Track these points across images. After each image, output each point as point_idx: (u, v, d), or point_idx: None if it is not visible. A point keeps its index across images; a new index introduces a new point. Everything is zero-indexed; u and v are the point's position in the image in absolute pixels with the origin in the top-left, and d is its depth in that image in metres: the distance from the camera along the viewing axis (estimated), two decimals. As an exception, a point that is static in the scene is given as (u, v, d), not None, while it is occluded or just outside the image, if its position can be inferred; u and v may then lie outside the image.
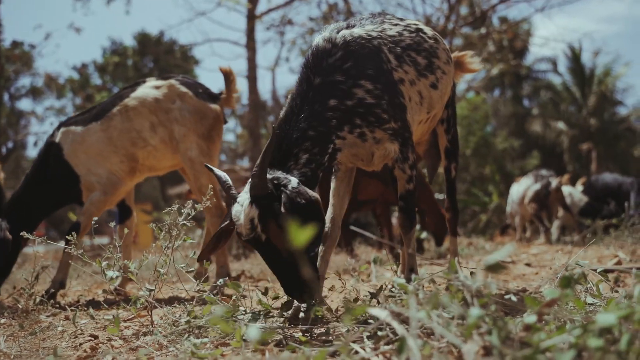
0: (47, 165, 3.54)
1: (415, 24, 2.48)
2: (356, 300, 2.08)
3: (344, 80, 2.07)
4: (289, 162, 1.99)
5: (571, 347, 0.97)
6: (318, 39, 2.15)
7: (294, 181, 1.88)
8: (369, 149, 2.18)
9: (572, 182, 9.48)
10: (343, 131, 2.09)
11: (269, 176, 1.88)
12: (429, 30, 2.51)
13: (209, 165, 2.16)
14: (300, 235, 1.85)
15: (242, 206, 1.87)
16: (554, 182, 7.99)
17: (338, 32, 2.15)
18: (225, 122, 3.65)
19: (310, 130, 2.03)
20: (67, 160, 3.47)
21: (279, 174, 1.93)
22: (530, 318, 1.11)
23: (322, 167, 2.07)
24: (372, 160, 2.23)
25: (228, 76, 3.57)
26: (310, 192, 1.87)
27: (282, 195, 1.82)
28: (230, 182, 2.01)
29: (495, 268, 1.21)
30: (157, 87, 3.56)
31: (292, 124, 2.03)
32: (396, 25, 2.37)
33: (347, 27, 2.19)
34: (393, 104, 2.14)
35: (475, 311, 1.00)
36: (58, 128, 3.61)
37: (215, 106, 3.58)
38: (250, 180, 1.88)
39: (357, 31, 2.18)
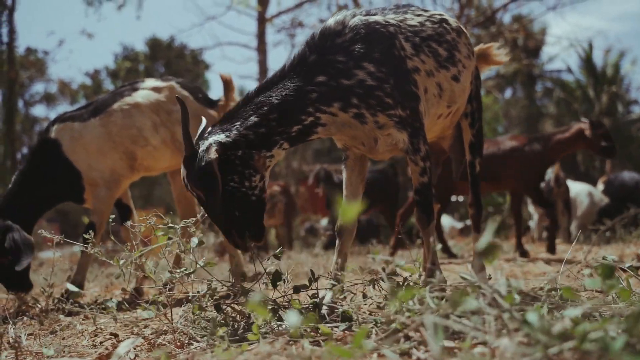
0: (44, 162, 3.41)
1: (439, 15, 2.40)
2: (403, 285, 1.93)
3: (344, 60, 2.01)
4: (236, 121, 1.99)
5: (619, 337, 0.92)
6: (331, 20, 2.08)
7: (206, 143, 1.93)
8: (369, 133, 2.08)
9: (592, 182, 9.29)
10: (331, 107, 2.01)
11: (206, 134, 1.99)
12: (453, 22, 2.43)
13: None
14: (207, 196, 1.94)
15: None
16: (552, 177, 7.58)
17: (353, 16, 2.09)
18: None
19: (276, 98, 2.00)
20: (66, 157, 3.37)
21: (215, 130, 2.00)
22: (573, 311, 1.06)
23: (284, 136, 2.02)
24: (375, 147, 2.12)
25: (228, 84, 3.53)
26: (211, 153, 1.89)
27: None
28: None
29: (489, 251, 1.15)
30: (158, 88, 3.53)
31: (265, 93, 2.03)
32: (419, 15, 2.31)
33: (366, 15, 2.13)
34: (402, 90, 2.05)
35: (532, 317, 0.96)
36: (52, 124, 3.49)
37: (213, 112, 3.55)
38: None
39: (374, 17, 2.11)
